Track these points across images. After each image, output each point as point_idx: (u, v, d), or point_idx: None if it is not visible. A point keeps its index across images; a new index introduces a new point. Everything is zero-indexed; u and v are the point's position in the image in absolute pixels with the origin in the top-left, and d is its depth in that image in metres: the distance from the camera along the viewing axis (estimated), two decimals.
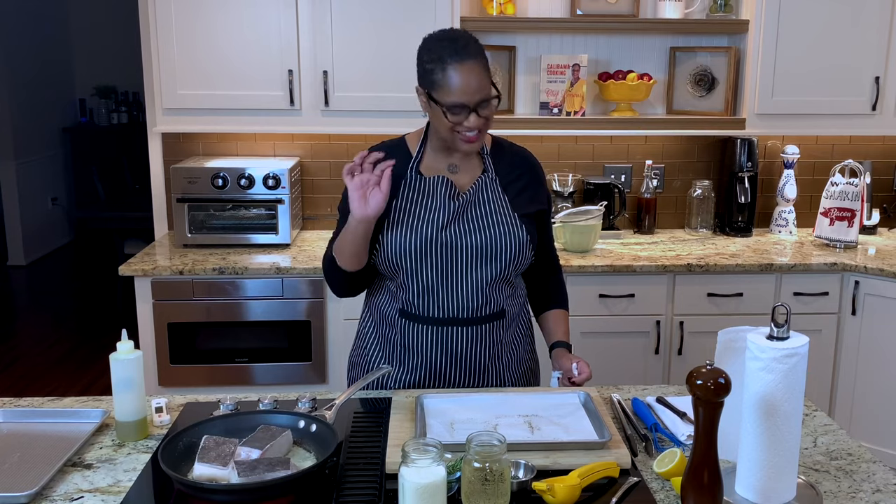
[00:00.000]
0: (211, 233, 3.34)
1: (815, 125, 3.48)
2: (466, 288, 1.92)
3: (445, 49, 1.83)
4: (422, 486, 1.30)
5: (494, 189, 1.96)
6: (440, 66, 1.82)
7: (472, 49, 1.83)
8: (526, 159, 2.06)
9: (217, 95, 3.27)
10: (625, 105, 3.53)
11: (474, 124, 1.84)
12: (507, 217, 1.94)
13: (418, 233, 1.90)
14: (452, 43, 1.83)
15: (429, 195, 1.94)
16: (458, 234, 1.91)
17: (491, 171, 1.98)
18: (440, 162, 1.98)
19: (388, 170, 1.79)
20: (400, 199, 1.93)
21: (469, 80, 1.81)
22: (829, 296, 3.25)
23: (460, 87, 1.81)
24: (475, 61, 1.82)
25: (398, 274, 1.94)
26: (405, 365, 2.00)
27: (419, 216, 1.91)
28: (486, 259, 1.92)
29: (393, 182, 1.91)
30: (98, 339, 5.23)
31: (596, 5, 3.46)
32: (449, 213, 1.91)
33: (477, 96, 1.82)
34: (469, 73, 1.81)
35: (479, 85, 1.82)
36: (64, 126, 7.62)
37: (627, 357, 3.25)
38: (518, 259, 1.94)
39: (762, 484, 1.41)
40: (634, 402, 1.85)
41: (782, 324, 1.37)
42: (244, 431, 1.57)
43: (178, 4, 3.20)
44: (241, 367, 3.20)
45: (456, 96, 1.81)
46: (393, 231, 1.91)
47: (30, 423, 1.76)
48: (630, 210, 3.75)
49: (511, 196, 1.97)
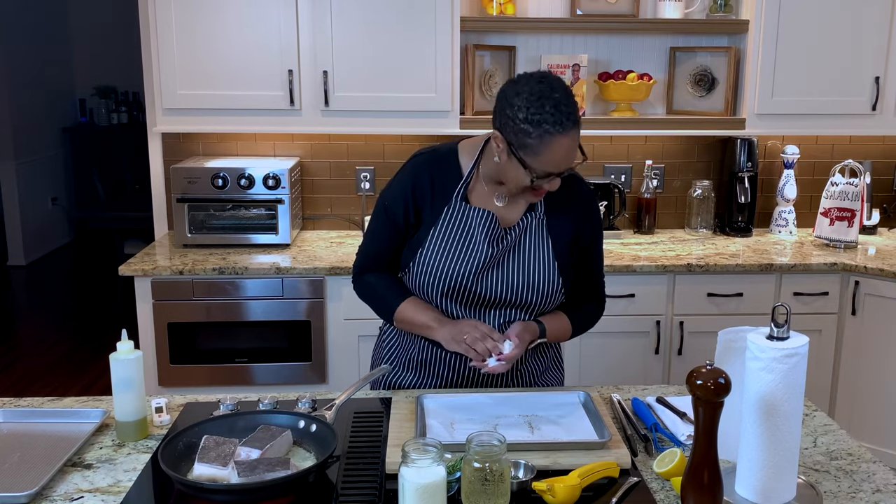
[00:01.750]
0: (211, 233, 3.34)
1: (815, 125, 3.48)
2: (491, 322, 1.87)
3: (548, 116, 1.64)
4: (422, 486, 1.30)
5: (539, 231, 1.85)
6: (539, 132, 1.64)
7: (574, 117, 1.66)
8: (578, 190, 1.90)
9: (217, 95, 3.27)
10: (625, 105, 3.53)
11: (556, 186, 1.73)
12: (545, 260, 1.84)
13: (450, 272, 1.82)
14: (556, 109, 1.64)
15: (470, 230, 1.82)
16: (491, 280, 1.83)
17: (540, 210, 1.85)
18: (489, 190, 1.85)
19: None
20: (439, 227, 1.83)
21: (568, 155, 1.68)
22: (829, 296, 3.25)
23: (557, 160, 1.68)
24: (575, 131, 1.67)
25: (425, 299, 1.89)
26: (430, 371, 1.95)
27: (455, 253, 1.82)
28: (514, 302, 1.85)
29: (436, 203, 1.84)
30: (98, 340, 5.23)
31: (596, 5, 3.46)
32: (486, 258, 1.81)
33: (571, 163, 1.71)
34: (569, 148, 1.67)
35: (573, 155, 1.69)
36: (64, 126, 7.62)
37: (627, 357, 3.25)
38: (547, 304, 1.87)
39: (762, 484, 1.41)
40: (634, 402, 1.85)
41: (782, 324, 1.37)
42: (244, 431, 1.57)
43: (178, 4, 3.20)
44: (241, 367, 3.20)
45: (550, 167, 1.68)
46: (426, 263, 1.83)
47: (30, 423, 1.76)
48: (630, 210, 3.75)
49: (556, 238, 1.86)
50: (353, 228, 3.71)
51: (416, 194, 1.85)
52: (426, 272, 1.83)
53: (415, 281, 1.86)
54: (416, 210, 1.86)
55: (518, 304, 1.86)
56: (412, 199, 1.86)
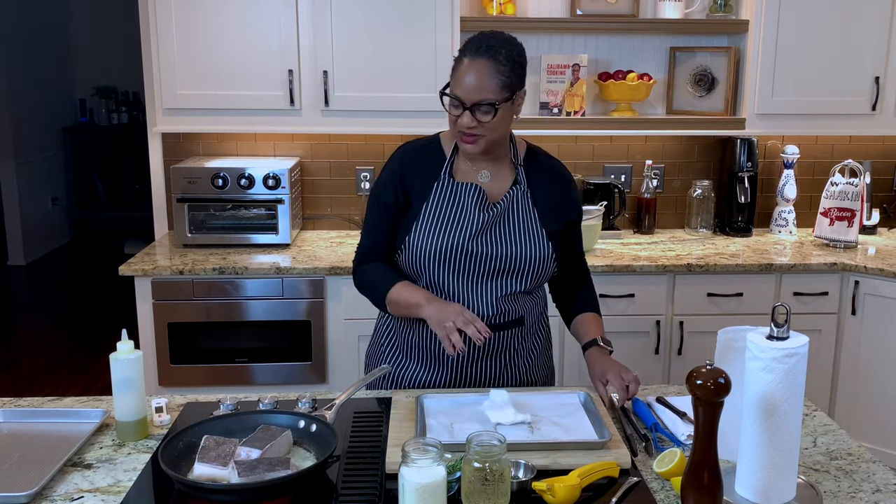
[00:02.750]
0: (211, 233, 3.34)
1: (815, 125, 3.48)
2: (487, 296, 1.91)
3: (468, 44, 1.83)
4: (422, 486, 1.30)
5: (525, 202, 1.94)
6: (458, 58, 1.83)
7: (488, 50, 1.79)
8: (558, 171, 2.02)
9: (217, 95, 3.27)
10: (625, 105, 3.53)
11: (465, 123, 1.82)
12: (535, 232, 1.93)
13: (446, 240, 1.89)
14: (475, 41, 1.82)
15: (460, 202, 1.92)
16: (485, 245, 1.90)
17: (523, 182, 1.95)
18: (473, 166, 1.95)
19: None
20: (430, 203, 1.92)
21: (470, 77, 1.79)
22: (828, 296, 3.25)
23: (461, 81, 1.80)
24: (485, 61, 1.79)
25: (421, 277, 1.93)
26: (424, 363, 1.99)
27: (448, 223, 1.90)
28: (509, 271, 1.91)
29: (425, 183, 1.93)
30: (98, 340, 5.23)
31: (596, 5, 3.46)
32: (478, 225, 1.90)
33: (474, 96, 1.79)
34: (473, 70, 1.79)
35: (479, 84, 1.79)
36: (64, 126, 7.62)
37: (627, 357, 3.24)
38: (540, 273, 1.94)
39: (762, 484, 1.41)
40: (634, 402, 1.85)
41: (782, 324, 1.37)
42: (244, 431, 1.57)
43: (179, 4, 3.20)
44: (241, 367, 3.20)
45: (456, 89, 1.81)
46: (421, 235, 1.90)
47: (30, 423, 1.76)
48: (630, 210, 3.75)
49: (541, 209, 1.95)
50: (353, 228, 3.71)
51: (404, 179, 1.95)
52: (421, 244, 1.90)
53: (410, 256, 1.92)
54: (406, 193, 1.95)
55: (512, 272, 1.91)
56: (400, 183, 1.95)
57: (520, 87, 1.85)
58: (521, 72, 1.85)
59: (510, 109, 1.85)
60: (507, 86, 1.81)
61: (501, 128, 1.86)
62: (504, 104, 1.81)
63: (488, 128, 1.83)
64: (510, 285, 1.92)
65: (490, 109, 1.80)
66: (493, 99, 1.80)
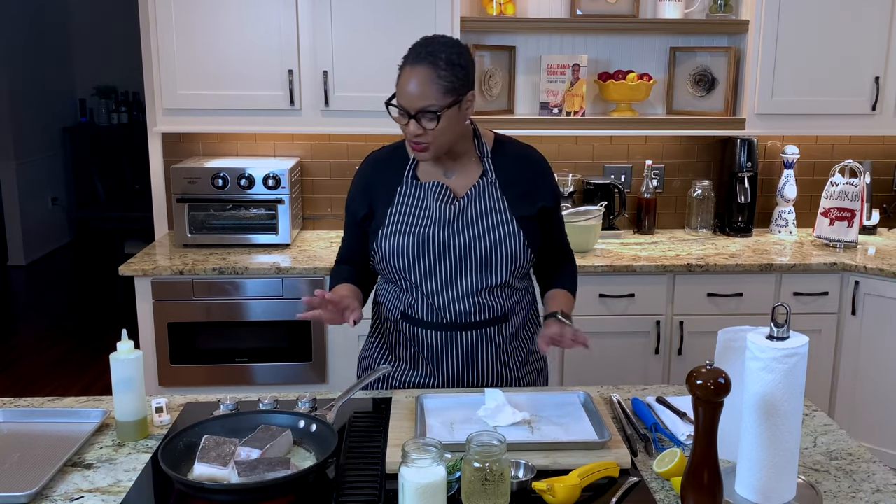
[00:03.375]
0: (211, 233, 3.34)
1: (815, 125, 3.48)
2: (464, 292, 1.91)
3: (410, 51, 1.82)
4: (422, 486, 1.30)
5: (492, 192, 1.92)
6: (400, 66, 1.82)
7: (427, 57, 1.78)
8: (528, 157, 2.00)
9: (217, 95, 3.27)
10: (625, 105, 3.53)
11: (412, 131, 1.80)
12: (504, 221, 1.91)
13: (412, 238, 1.89)
14: (416, 47, 1.81)
15: (423, 201, 1.92)
16: (453, 238, 1.89)
17: (490, 173, 1.93)
18: (436, 166, 1.95)
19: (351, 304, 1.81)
20: (395, 206, 1.93)
21: (411, 85, 1.77)
22: (828, 296, 3.25)
23: (403, 89, 1.79)
24: (425, 68, 1.77)
25: (397, 278, 1.94)
26: (412, 365, 2.00)
27: (413, 222, 1.90)
28: (482, 264, 1.90)
29: (389, 189, 1.94)
30: (98, 340, 5.23)
31: (596, 5, 3.46)
32: (442, 220, 1.89)
33: (417, 103, 1.77)
34: (414, 78, 1.77)
35: (419, 92, 1.77)
36: (64, 126, 7.62)
37: (627, 357, 3.25)
38: (515, 264, 1.92)
39: (762, 484, 1.41)
40: (634, 402, 1.85)
41: (782, 324, 1.37)
42: (244, 431, 1.57)
43: (178, 4, 3.20)
44: (241, 367, 3.20)
45: (400, 98, 1.80)
46: (387, 239, 1.91)
47: (30, 423, 1.76)
48: (630, 210, 3.75)
49: (511, 198, 1.93)
50: None
51: (369, 190, 1.98)
52: (389, 246, 1.90)
53: (381, 260, 1.93)
54: (370, 203, 1.97)
55: (486, 264, 1.89)
56: (364, 195, 1.98)
57: (465, 89, 1.82)
58: (465, 74, 1.81)
59: (457, 114, 1.82)
60: (450, 90, 1.78)
61: (450, 133, 1.83)
62: (448, 110, 1.79)
63: (435, 134, 1.80)
64: (487, 279, 1.91)
65: (434, 117, 1.78)
66: (436, 106, 1.77)
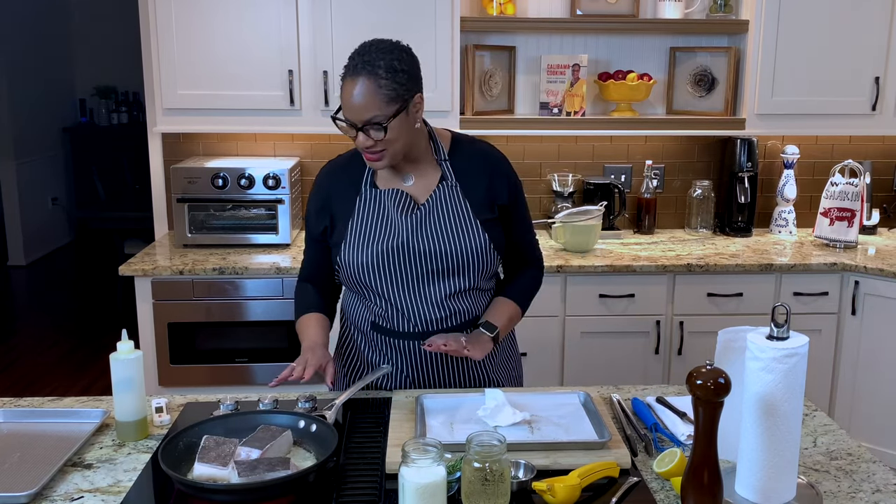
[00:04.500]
0: (211, 233, 3.34)
1: (815, 125, 3.48)
2: (432, 299, 1.88)
3: (349, 61, 1.76)
4: (422, 486, 1.30)
5: (454, 196, 1.88)
6: (342, 77, 1.76)
7: (365, 67, 1.72)
8: (485, 155, 1.94)
9: (217, 95, 3.27)
10: (625, 105, 3.53)
11: (362, 143, 1.76)
12: (467, 225, 1.87)
13: (375, 248, 1.85)
14: (353, 57, 1.75)
15: (384, 210, 1.87)
16: (417, 246, 1.85)
17: (450, 177, 1.89)
18: (394, 173, 1.90)
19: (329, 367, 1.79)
20: (356, 217, 1.89)
21: (354, 98, 1.72)
22: (828, 296, 3.25)
23: (347, 103, 1.74)
24: (364, 79, 1.71)
25: (364, 290, 1.91)
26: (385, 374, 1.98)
27: (375, 232, 1.87)
28: (449, 270, 1.86)
29: (348, 200, 1.91)
30: (98, 340, 5.23)
31: (596, 5, 3.46)
32: (406, 228, 1.85)
33: (361, 115, 1.73)
34: (353, 90, 1.72)
35: (362, 104, 1.71)
36: (64, 126, 7.62)
37: (627, 357, 3.25)
38: (482, 267, 1.89)
39: (762, 484, 1.41)
40: (634, 402, 1.85)
41: (782, 324, 1.37)
42: (244, 431, 1.57)
43: (179, 4, 3.20)
44: (241, 367, 3.20)
45: (345, 111, 1.75)
46: (351, 249, 1.87)
47: (30, 423, 1.76)
48: (630, 210, 3.75)
49: (472, 200, 1.89)
50: None
51: (328, 202, 1.94)
52: (352, 259, 1.87)
53: (346, 273, 1.90)
54: (330, 216, 1.94)
55: (452, 270, 1.87)
56: (323, 209, 1.95)
57: (410, 94, 1.76)
58: (408, 78, 1.75)
59: (405, 120, 1.76)
60: (393, 98, 1.72)
61: (402, 139, 1.78)
62: (394, 119, 1.73)
63: (386, 143, 1.76)
64: (455, 284, 1.88)
65: (380, 128, 1.73)
66: (381, 116, 1.72)
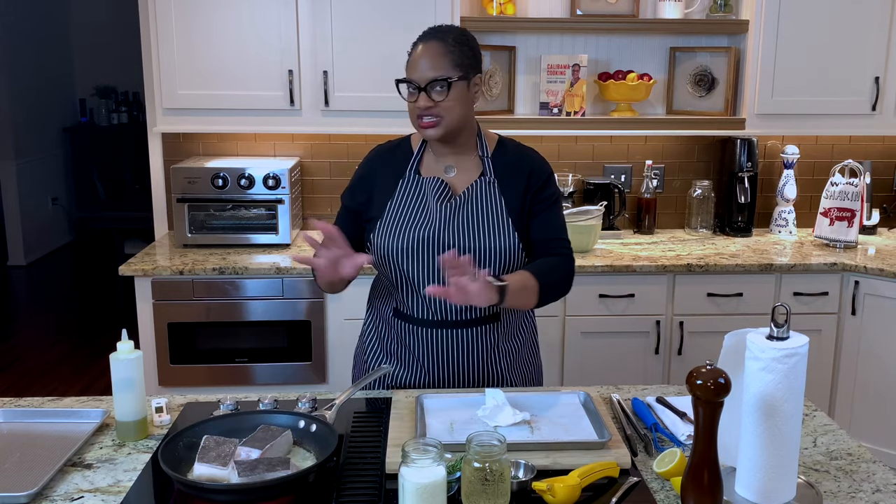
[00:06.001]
0: (211, 233, 3.34)
1: (815, 125, 3.48)
2: None
3: (419, 36, 1.90)
4: (422, 486, 1.30)
5: (491, 192, 1.93)
6: (410, 50, 1.89)
7: (436, 33, 1.87)
8: (529, 159, 1.99)
9: (217, 95, 3.27)
10: (625, 105, 3.53)
11: (422, 104, 1.85)
12: (499, 221, 1.91)
13: (408, 233, 1.90)
14: (427, 30, 1.90)
15: (422, 197, 1.93)
16: (448, 237, 1.89)
17: (489, 173, 1.94)
18: (438, 162, 1.97)
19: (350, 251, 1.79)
20: (395, 199, 1.94)
21: (421, 58, 1.85)
22: (828, 296, 3.25)
23: (414, 65, 1.86)
24: (435, 42, 1.85)
25: (391, 274, 1.94)
26: (402, 363, 2.00)
27: (410, 217, 1.91)
28: (476, 263, 1.84)
29: (390, 182, 1.95)
30: (98, 340, 5.23)
31: (596, 5, 3.46)
32: (439, 217, 1.90)
33: (427, 74, 1.83)
34: (423, 51, 1.85)
35: (430, 64, 1.83)
36: (64, 126, 7.62)
37: (627, 357, 3.25)
38: (508, 265, 1.91)
39: (762, 484, 1.41)
40: (634, 402, 1.85)
41: (782, 324, 1.37)
42: (244, 431, 1.57)
43: (179, 4, 3.20)
44: (241, 367, 3.20)
45: (409, 72, 1.87)
46: (385, 231, 1.92)
47: (30, 423, 1.76)
48: (630, 210, 3.75)
49: (508, 199, 1.93)
50: None
51: (368, 180, 2.00)
52: (383, 242, 1.91)
53: (377, 249, 1.93)
54: (368, 193, 1.99)
55: (479, 264, 1.88)
56: (363, 185, 2.00)
57: (473, 71, 1.88)
58: (473, 56, 1.88)
59: (465, 91, 1.87)
60: (459, 65, 1.85)
61: (459, 110, 1.86)
62: (458, 83, 1.84)
63: (444, 108, 1.85)
64: None
65: (444, 86, 1.83)
66: (446, 75, 1.83)
